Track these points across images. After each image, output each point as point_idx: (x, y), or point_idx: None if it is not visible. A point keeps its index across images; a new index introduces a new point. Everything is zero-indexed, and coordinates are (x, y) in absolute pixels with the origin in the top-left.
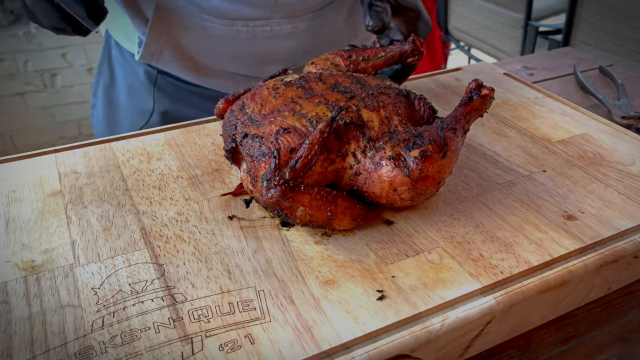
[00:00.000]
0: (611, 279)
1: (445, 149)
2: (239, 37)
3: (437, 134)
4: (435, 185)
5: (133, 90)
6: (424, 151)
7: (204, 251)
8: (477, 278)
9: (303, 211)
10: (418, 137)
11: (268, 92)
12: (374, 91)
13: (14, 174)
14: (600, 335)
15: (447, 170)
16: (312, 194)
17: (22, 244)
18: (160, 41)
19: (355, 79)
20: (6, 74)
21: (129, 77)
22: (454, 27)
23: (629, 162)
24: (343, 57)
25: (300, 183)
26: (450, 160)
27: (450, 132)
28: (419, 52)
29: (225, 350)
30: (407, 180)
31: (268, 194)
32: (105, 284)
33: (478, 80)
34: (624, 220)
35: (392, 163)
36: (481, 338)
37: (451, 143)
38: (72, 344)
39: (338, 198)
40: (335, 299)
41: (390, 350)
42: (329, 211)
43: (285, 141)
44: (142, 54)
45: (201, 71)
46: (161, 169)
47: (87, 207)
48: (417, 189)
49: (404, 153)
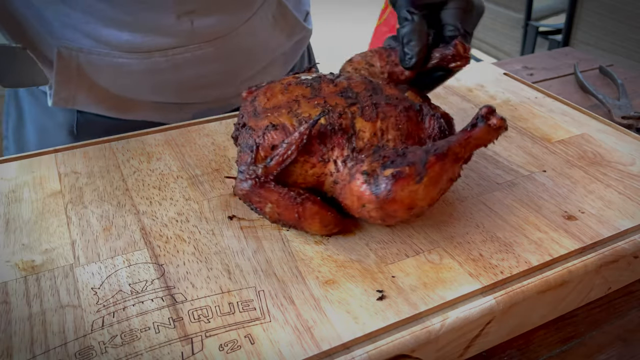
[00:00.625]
0: (611, 279)
1: (422, 175)
2: (159, 67)
3: (420, 156)
4: (405, 211)
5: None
6: (398, 172)
7: (204, 251)
8: (477, 278)
9: (271, 208)
10: (400, 157)
11: (279, 88)
12: (380, 101)
13: (14, 174)
14: (600, 335)
15: (422, 197)
16: (281, 193)
17: (22, 244)
18: (71, 85)
19: (371, 86)
20: None
21: (40, 119)
22: None
23: (629, 162)
24: (382, 57)
25: (271, 180)
26: (428, 188)
27: (436, 157)
28: (463, 58)
29: (225, 350)
30: (374, 199)
31: (240, 185)
32: (105, 284)
33: (491, 106)
34: (624, 220)
35: (363, 178)
36: (481, 338)
37: (432, 169)
38: (72, 344)
39: (307, 202)
40: (335, 299)
41: (390, 350)
42: (296, 213)
43: (270, 137)
44: (55, 101)
45: (125, 107)
46: (161, 169)
47: (87, 207)
48: (385, 211)
49: (379, 170)
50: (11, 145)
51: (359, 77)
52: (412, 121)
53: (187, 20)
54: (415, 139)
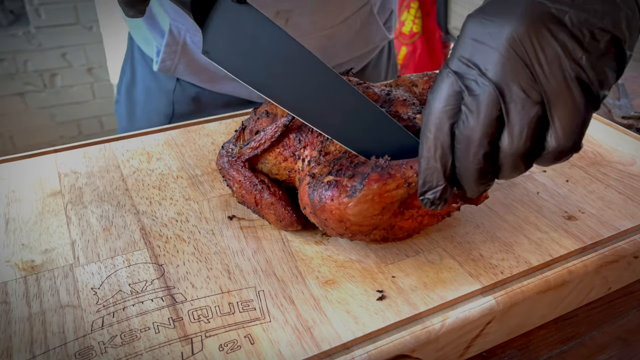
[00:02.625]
0: (611, 279)
1: (356, 190)
2: None
3: (364, 171)
4: (336, 223)
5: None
6: (335, 182)
7: (203, 251)
8: (477, 278)
9: (237, 189)
10: (351, 168)
11: None
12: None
13: (14, 174)
14: (600, 336)
15: (353, 213)
16: (245, 177)
17: (21, 244)
18: (175, 56)
19: (384, 100)
20: (6, 74)
21: (147, 80)
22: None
23: (629, 162)
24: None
25: (242, 162)
26: (361, 205)
27: (379, 176)
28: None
29: (225, 350)
30: (309, 202)
31: (218, 159)
32: (105, 284)
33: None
34: (624, 220)
35: (308, 179)
36: (481, 338)
37: (368, 187)
38: (71, 344)
39: (266, 191)
40: (335, 299)
41: (390, 351)
42: (254, 199)
43: (260, 123)
44: (160, 67)
45: (218, 81)
46: (161, 169)
47: (87, 207)
48: (318, 217)
49: (321, 176)
50: (122, 99)
51: (384, 89)
52: None
53: (283, 18)
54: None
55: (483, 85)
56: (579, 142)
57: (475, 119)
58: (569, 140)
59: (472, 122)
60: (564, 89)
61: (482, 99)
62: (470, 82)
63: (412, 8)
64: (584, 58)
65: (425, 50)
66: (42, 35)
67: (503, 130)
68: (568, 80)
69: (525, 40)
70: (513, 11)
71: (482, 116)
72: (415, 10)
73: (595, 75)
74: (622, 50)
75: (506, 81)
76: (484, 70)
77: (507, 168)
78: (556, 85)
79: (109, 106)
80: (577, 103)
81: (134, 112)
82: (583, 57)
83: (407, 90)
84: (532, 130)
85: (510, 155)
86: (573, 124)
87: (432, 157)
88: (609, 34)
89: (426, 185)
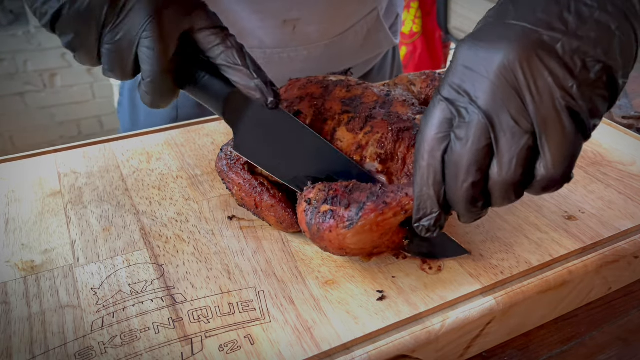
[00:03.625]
0: (611, 279)
1: (353, 221)
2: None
3: (360, 199)
4: (336, 250)
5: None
6: (332, 212)
7: (203, 251)
8: (477, 278)
9: (237, 192)
10: (344, 194)
11: (302, 83)
12: (378, 115)
13: (14, 174)
14: (600, 336)
15: (352, 242)
16: (245, 179)
17: (21, 244)
18: None
19: (383, 100)
20: (6, 74)
21: None
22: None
23: (629, 162)
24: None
25: (242, 165)
26: (360, 236)
27: (375, 206)
28: None
29: (225, 350)
30: (307, 229)
31: (217, 162)
32: (105, 285)
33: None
34: (624, 221)
35: (305, 205)
36: (481, 338)
37: (365, 218)
38: (71, 345)
39: (266, 193)
40: (335, 300)
41: (390, 351)
42: (254, 202)
43: None
44: None
45: None
46: (161, 169)
47: (87, 207)
48: (317, 243)
49: (320, 203)
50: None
51: (383, 89)
52: (400, 143)
53: (290, 26)
54: (397, 163)
55: (473, 113)
56: (568, 172)
57: (464, 147)
58: (559, 170)
59: (460, 150)
60: (554, 119)
61: (471, 127)
62: (461, 109)
63: (412, 8)
64: (575, 87)
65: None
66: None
67: (492, 159)
68: (558, 110)
69: (516, 69)
70: (505, 38)
71: (471, 144)
72: (415, 10)
73: (586, 105)
74: (614, 80)
75: (496, 110)
76: (474, 98)
77: (497, 197)
78: (546, 114)
79: (109, 106)
80: (568, 133)
81: (138, 115)
82: (574, 87)
83: (405, 90)
84: (522, 160)
85: (500, 184)
86: (563, 154)
87: (425, 184)
88: (601, 63)
89: (420, 212)
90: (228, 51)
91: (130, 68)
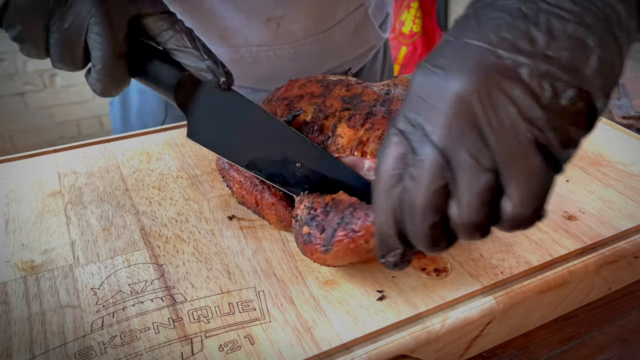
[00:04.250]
0: (611, 279)
1: (327, 247)
2: (243, 61)
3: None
4: (324, 266)
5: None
6: (309, 237)
7: (203, 251)
8: (477, 278)
9: (237, 190)
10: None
11: (302, 82)
12: (378, 113)
13: (14, 174)
14: (600, 336)
15: (331, 262)
16: (246, 177)
17: (21, 244)
18: None
19: (383, 99)
20: (6, 74)
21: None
22: None
23: (629, 162)
24: None
25: None
26: (336, 260)
27: (345, 234)
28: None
29: (225, 350)
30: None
31: (217, 160)
32: (104, 284)
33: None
34: (624, 221)
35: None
36: (481, 338)
37: (338, 245)
38: (71, 345)
39: (266, 192)
40: (335, 299)
41: (390, 351)
42: (255, 200)
43: None
44: None
45: None
46: (161, 169)
47: (87, 207)
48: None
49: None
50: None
51: (383, 88)
52: None
53: (275, 23)
54: None
55: (427, 149)
56: (539, 209)
57: (418, 188)
58: (528, 208)
59: (414, 191)
60: (519, 155)
61: (425, 166)
62: (415, 145)
63: (412, 8)
64: (543, 118)
65: (425, 50)
66: None
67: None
68: (524, 145)
69: (473, 100)
70: (461, 63)
71: (425, 185)
72: (415, 10)
73: (557, 137)
74: (592, 104)
75: (452, 146)
76: (428, 132)
77: (462, 235)
78: (510, 150)
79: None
80: (535, 169)
81: (129, 114)
82: (541, 117)
83: (405, 89)
84: (483, 200)
85: (461, 225)
86: (530, 193)
87: (384, 223)
88: (574, 88)
89: (384, 249)
90: (177, 35)
91: (80, 57)
